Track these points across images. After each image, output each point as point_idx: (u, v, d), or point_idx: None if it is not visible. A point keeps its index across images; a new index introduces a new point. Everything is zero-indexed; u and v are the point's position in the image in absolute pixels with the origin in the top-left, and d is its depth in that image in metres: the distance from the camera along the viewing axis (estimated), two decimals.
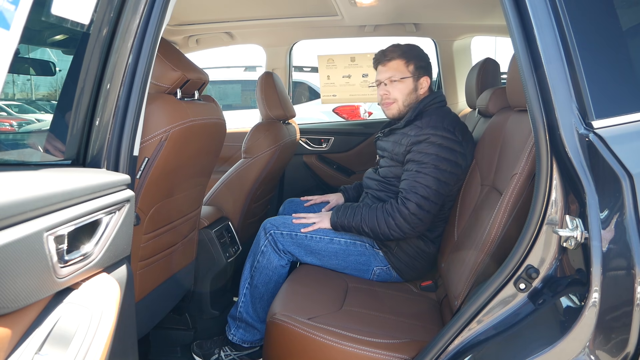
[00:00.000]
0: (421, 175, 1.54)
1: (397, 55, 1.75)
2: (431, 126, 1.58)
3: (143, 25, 1.03)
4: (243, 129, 2.99)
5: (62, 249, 0.78)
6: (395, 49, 1.77)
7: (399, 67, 1.74)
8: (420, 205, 1.52)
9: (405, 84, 1.74)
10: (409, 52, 1.75)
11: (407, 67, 1.74)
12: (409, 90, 1.74)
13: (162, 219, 1.41)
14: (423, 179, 1.53)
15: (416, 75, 1.74)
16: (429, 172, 1.53)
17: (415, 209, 1.52)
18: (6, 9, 0.72)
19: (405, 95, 1.75)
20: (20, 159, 1.18)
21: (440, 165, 1.54)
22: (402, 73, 1.74)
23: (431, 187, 1.53)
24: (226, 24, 2.75)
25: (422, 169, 1.54)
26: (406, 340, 1.27)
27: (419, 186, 1.53)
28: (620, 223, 0.78)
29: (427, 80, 1.75)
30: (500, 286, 0.98)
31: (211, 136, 1.52)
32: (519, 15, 0.95)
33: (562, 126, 0.87)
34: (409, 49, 1.76)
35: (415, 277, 1.74)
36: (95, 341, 0.80)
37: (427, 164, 1.54)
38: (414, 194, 1.53)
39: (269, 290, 1.72)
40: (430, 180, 1.53)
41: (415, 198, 1.52)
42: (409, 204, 1.53)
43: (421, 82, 1.75)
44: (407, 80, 1.74)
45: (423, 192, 1.53)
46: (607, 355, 0.81)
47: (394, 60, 1.75)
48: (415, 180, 1.54)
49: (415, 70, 1.74)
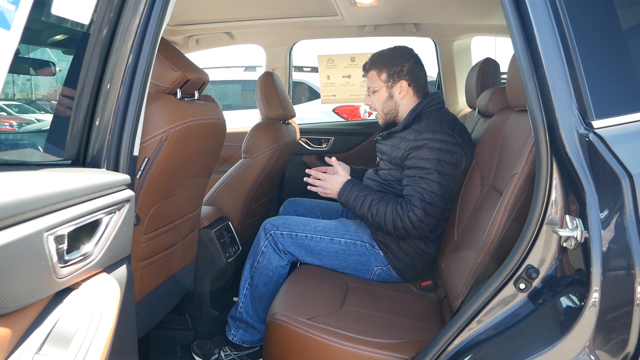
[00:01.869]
0: (425, 182, 1.54)
1: (370, 66, 1.77)
2: (429, 130, 1.58)
3: (143, 25, 1.03)
4: (243, 129, 2.99)
5: (62, 249, 0.78)
6: (371, 59, 1.78)
7: (373, 78, 1.76)
8: (427, 212, 1.53)
9: (379, 94, 1.76)
10: (379, 60, 1.75)
11: (379, 77, 1.74)
12: (383, 99, 1.75)
13: (162, 219, 1.41)
14: (427, 185, 1.53)
15: (390, 83, 1.73)
16: (433, 178, 1.53)
17: (422, 216, 1.52)
18: (6, 9, 0.72)
19: (382, 105, 1.76)
20: (20, 159, 1.18)
21: (442, 169, 1.54)
22: (375, 83, 1.76)
23: (436, 193, 1.53)
24: (226, 24, 2.75)
25: (425, 174, 1.54)
26: (406, 340, 1.27)
27: (424, 192, 1.53)
28: (620, 223, 0.78)
29: (404, 84, 1.72)
30: (500, 286, 0.98)
31: (211, 136, 1.52)
32: (519, 15, 0.95)
33: (562, 126, 0.87)
34: (379, 57, 1.75)
35: (415, 277, 1.74)
36: (95, 341, 0.80)
37: (430, 169, 1.54)
38: (419, 200, 1.53)
39: (269, 291, 1.72)
40: (435, 186, 1.53)
41: (421, 204, 1.53)
42: (416, 210, 1.52)
43: (397, 87, 1.73)
44: (381, 90, 1.75)
45: (428, 198, 1.53)
46: (607, 355, 0.81)
47: (370, 71, 1.77)
48: (420, 187, 1.54)
49: (387, 78, 1.73)
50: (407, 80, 1.72)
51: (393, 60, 1.74)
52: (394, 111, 1.76)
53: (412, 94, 1.74)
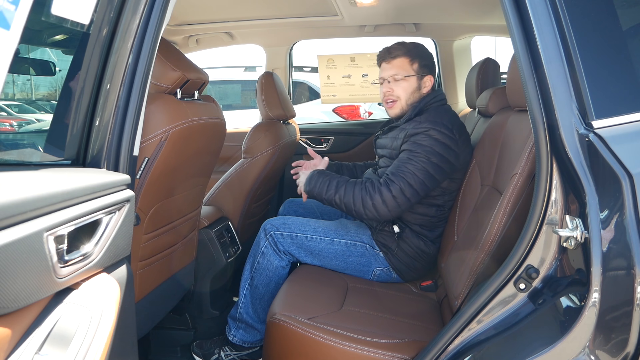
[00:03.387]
0: (412, 163, 1.52)
1: (402, 53, 1.74)
2: (430, 121, 1.58)
3: (143, 25, 1.03)
4: (243, 129, 2.99)
5: (62, 249, 0.78)
6: (400, 46, 1.76)
7: (404, 65, 1.73)
8: (403, 191, 1.50)
9: (409, 83, 1.73)
10: (413, 50, 1.74)
11: (411, 66, 1.73)
12: (412, 88, 1.73)
13: (162, 219, 1.41)
14: (412, 166, 1.52)
15: (420, 74, 1.73)
16: (420, 162, 1.52)
17: (398, 193, 1.49)
18: (6, 9, 0.72)
19: (408, 94, 1.73)
20: (20, 159, 1.18)
21: (432, 158, 1.53)
22: (406, 71, 1.73)
23: (418, 176, 1.51)
24: (226, 24, 2.74)
25: (413, 157, 1.53)
26: (406, 340, 1.27)
27: (407, 172, 1.51)
28: (620, 223, 0.78)
29: (431, 80, 1.75)
30: (500, 286, 0.98)
31: (211, 136, 1.52)
32: (519, 15, 0.95)
33: (562, 126, 0.87)
34: (414, 47, 1.75)
35: (415, 278, 1.74)
36: (95, 341, 0.80)
37: (420, 153, 1.53)
38: (400, 177, 1.51)
39: (269, 291, 1.72)
40: (419, 169, 1.51)
41: (400, 182, 1.50)
42: (393, 186, 1.50)
43: (425, 81, 1.74)
44: (411, 79, 1.73)
45: (410, 178, 1.51)
46: (607, 355, 0.81)
47: (399, 57, 1.74)
48: (405, 166, 1.53)
49: (419, 69, 1.73)
50: (433, 76, 1.75)
51: (426, 53, 1.76)
52: (416, 104, 1.72)
53: (427, 92, 1.75)
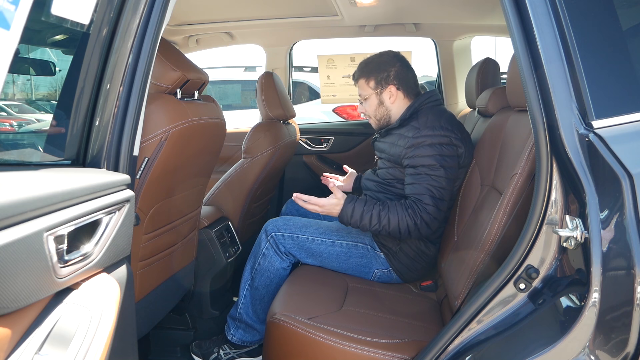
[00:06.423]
0: (432, 178, 1.54)
1: (359, 75, 1.78)
2: (428, 127, 1.58)
3: (143, 25, 1.03)
4: (243, 129, 2.99)
5: (62, 249, 0.78)
6: (358, 68, 1.79)
7: (362, 86, 1.78)
8: (438, 207, 1.53)
9: (370, 101, 1.77)
10: (365, 68, 1.77)
11: (367, 85, 1.76)
12: (375, 106, 1.77)
13: (162, 219, 1.41)
14: (435, 181, 1.53)
15: (378, 90, 1.74)
16: (439, 174, 1.54)
17: (435, 212, 1.52)
18: (6, 9, 0.72)
19: (374, 111, 1.78)
20: (20, 159, 1.18)
21: (446, 164, 1.55)
22: (365, 92, 1.77)
23: (444, 188, 1.54)
24: (226, 24, 2.74)
25: (430, 171, 1.54)
26: (406, 340, 1.27)
27: (433, 189, 1.53)
28: (620, 223, 0.78)
29: (392, 89, 1.73)
30: (500, 286, 0.98)
31: (211, 136, 1.52)
32: (519, 15, 0.95)
33: (562, 126, 0.87)
34: (366, 65, 1.77)
35: (415, 279, 1.74)
36: (95, 341, 0.80)
37: (434, 165, 1.54)
38: (430, 197, 1.52)
39: (270, 292, 1.72)
40: (443, 181, 1.54)
41: (432, 202, 1.52)
42: (429, 208, 1.52)
43: (386, 93, 1.74)
44: (371, 97, 1.76)
45: (438, 194, 1.53)
46: (607, 355, 0.81)
47: (359, 80, 1.79)
48: (428, 184, 1.54)
49: (376, 85, 1.74)
50: (395, 84, 1.73)
51: (379, 66, 1.75)
52: (386, 116, 1.77)
53: (403, 97, 1.75)
